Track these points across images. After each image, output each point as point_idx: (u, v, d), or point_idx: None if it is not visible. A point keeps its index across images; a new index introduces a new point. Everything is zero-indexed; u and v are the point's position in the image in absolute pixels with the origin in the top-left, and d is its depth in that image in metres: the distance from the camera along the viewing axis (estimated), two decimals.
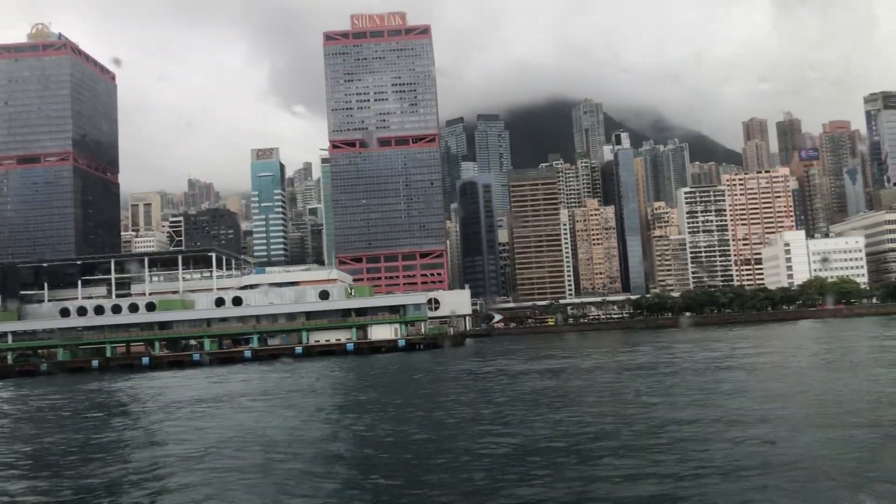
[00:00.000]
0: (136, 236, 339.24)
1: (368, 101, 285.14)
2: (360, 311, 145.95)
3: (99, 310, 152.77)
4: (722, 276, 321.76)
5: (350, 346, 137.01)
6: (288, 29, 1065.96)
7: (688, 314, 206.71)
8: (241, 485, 27.83)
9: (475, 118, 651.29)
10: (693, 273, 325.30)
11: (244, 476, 29.06)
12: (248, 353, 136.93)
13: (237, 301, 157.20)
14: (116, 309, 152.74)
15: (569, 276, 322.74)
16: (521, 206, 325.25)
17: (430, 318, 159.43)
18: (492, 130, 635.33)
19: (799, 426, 33.21)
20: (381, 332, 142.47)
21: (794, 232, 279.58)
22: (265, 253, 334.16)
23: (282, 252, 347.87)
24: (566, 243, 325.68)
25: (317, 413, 49.13)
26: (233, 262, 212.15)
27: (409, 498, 24.76)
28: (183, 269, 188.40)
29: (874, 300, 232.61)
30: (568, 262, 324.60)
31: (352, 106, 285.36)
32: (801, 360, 73.10)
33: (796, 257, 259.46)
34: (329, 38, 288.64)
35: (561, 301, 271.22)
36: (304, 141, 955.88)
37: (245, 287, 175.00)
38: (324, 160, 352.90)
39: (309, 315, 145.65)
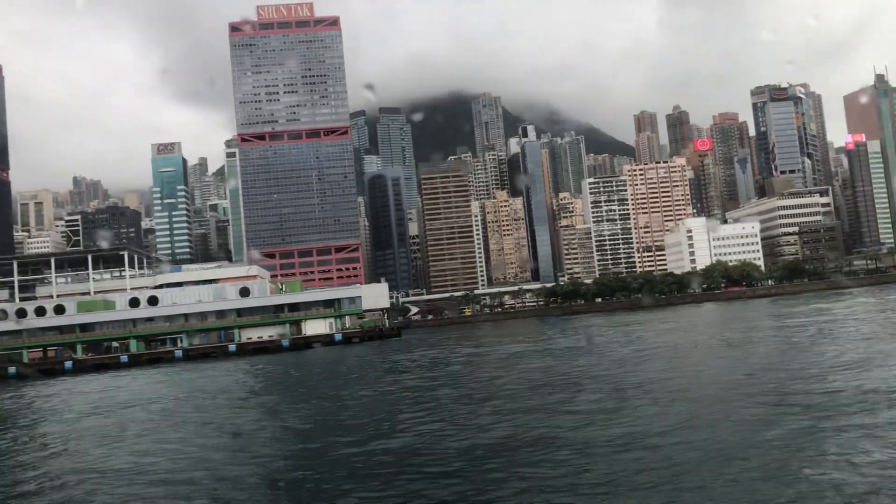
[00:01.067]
0: (29, 237, 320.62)
1: (278, 93, 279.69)
2: (293, 307, 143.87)
3: (1, 314, 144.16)
4: (625, 262, 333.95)
5: (285, 343, 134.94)
6: (181, 19, 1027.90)
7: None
8: None
9: (376, 111, 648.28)
10: (598, 261, 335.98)
11: None
12: (178, 353, 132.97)
13: (153, 300, 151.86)
14: (21, 312, 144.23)
15: (481, 266, 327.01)
16: (433, 198, 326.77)
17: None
18: (394, 124, 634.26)
19: None
20: (315, 327, 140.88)
21: (695, 219, 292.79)
22: (169, 251, 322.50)
23: (187, 250, 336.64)
24: (478, 235, 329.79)
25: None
26: (144, 260, 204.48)
27: None
28: (92, 270, 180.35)
29: (770, 282, 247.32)
30: (480, 253, 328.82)
31: (260, 98, 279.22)
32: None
33: (698, 243, 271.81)
34: (234, 28, 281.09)
35: (476, 291, 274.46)
36: (198, 136, 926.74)
37: (160, 286, 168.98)
38: (229, 154, 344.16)
39: (240, 312, 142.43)
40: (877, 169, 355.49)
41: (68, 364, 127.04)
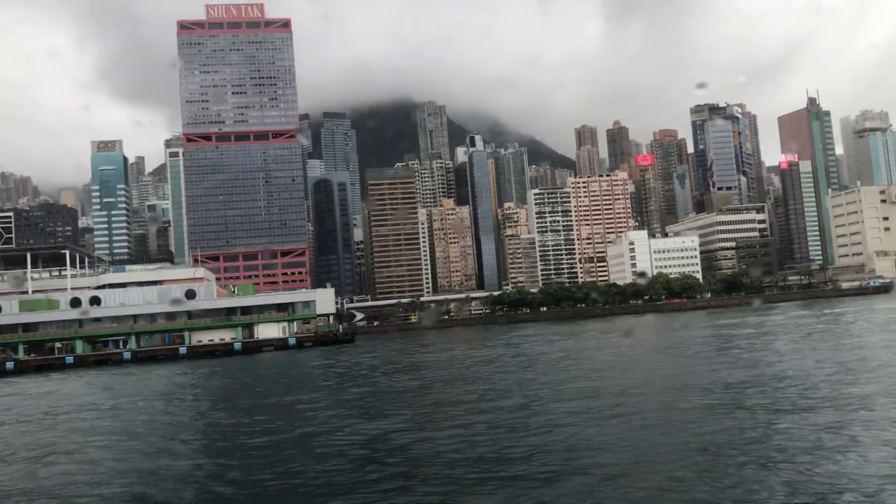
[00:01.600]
0: None
1: (226, 93, 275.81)
2: (246, 310, 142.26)
3: None
4: (568, 273, 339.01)
5: (238, 346, 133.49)
6: (119, 14, 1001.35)
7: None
8: None
9: (320, 115, 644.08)
10: (542, 271, 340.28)
11: None
12: (127, 355, 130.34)
13: (95, 301, 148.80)
14: None
15: (427, 274, 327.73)
16: (380, 204, 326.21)
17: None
18: (338, 129, 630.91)
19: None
20: (268, 331, 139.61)
21: (637, 232, 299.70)
22: (107, 251, 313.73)
23: (125, 250, 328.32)
24: (424, 242, 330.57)
25: None
26: (86, 260, 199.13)
27: None
28: (31, 268, 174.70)
29: (708, 294, 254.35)
30: (426, 260, 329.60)
31: (208, 98, 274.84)
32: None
33: (640, 255, 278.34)
34: (183, 27, 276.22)
35: (423, 298, 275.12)
36: (136, 134, 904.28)
37: (103, 286, 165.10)
38: (172, 154, 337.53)
39: (191, 314, 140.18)
40: (807, 188, 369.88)
41: (10, 365, 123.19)
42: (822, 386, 41.17)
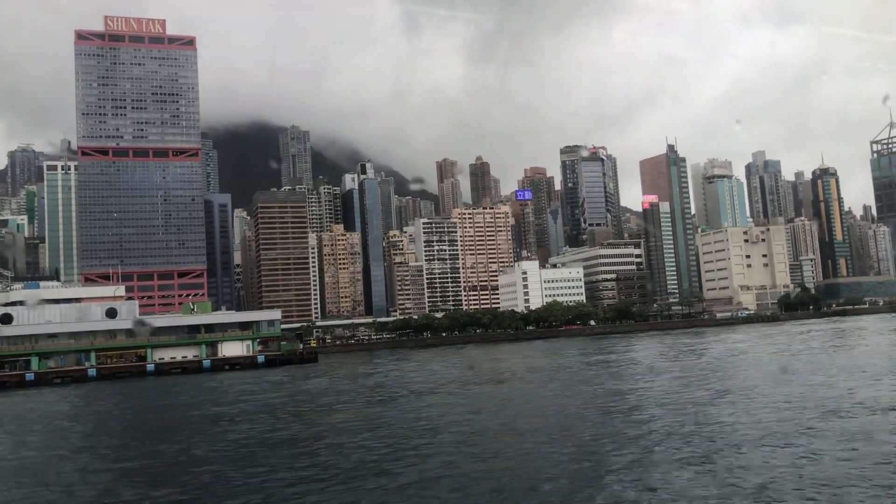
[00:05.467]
0: None
1: (125, 108, 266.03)
2: (209, 328, 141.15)
3: None
4: (453, 300, 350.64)
5: (207, 363, 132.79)
6: None
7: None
8: None
9: None
10: (429, 298, 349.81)
11: None
12: (92, 372, 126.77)
13: (6, 318, 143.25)
14: None
15: (315, 299, 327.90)
16: (270, 228, 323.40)
17: None
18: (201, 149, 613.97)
19: None
20: (232, 349, 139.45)
21: (529, 262, 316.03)
22: None
23: None
24: (314, 267, 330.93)
25: None
26: None
27: None
28: None
29: (592, 322, 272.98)
30: (315, 285, 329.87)
31: (105, 112, 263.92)
32: None
33: (532, 284, 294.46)
34: (81, 37, 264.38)
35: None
36: None
37: (13, 303, 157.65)
38: (49, 167, 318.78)
39: (154, 331, 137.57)
40: (666, 227, 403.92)
41: None
42: None
